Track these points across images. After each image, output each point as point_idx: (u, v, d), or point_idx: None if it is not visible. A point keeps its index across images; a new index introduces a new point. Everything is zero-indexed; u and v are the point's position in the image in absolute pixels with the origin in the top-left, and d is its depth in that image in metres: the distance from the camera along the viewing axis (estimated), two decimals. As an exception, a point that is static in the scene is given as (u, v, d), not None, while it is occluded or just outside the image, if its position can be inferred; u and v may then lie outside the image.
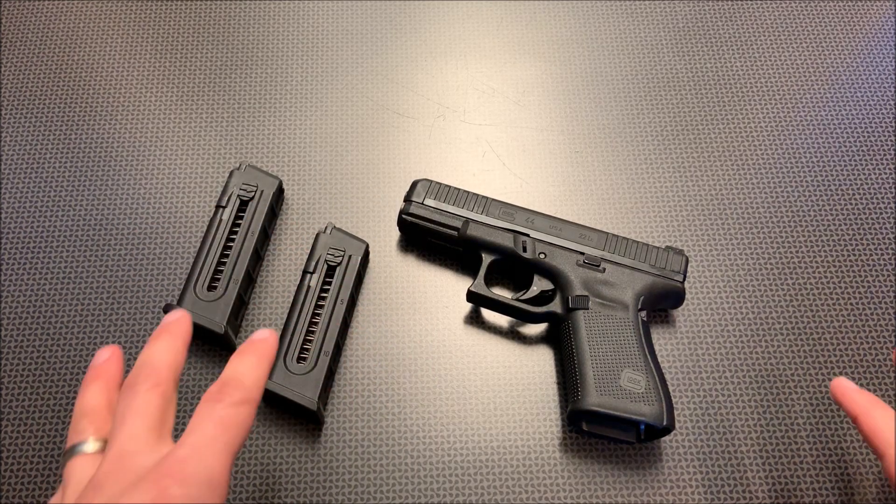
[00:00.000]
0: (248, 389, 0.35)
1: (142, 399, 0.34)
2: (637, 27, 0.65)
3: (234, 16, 0.65)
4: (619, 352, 0.49)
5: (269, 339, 0.38)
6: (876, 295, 0.56)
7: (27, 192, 0.57)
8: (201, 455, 0.32)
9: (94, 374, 0.38)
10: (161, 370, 0.36)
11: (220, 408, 0.34)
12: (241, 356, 0.37)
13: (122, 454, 0.32)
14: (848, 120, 0.62)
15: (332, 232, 0.53)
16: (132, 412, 0.34)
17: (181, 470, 0.31)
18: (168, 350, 0.37)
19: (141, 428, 0.33)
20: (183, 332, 0.38)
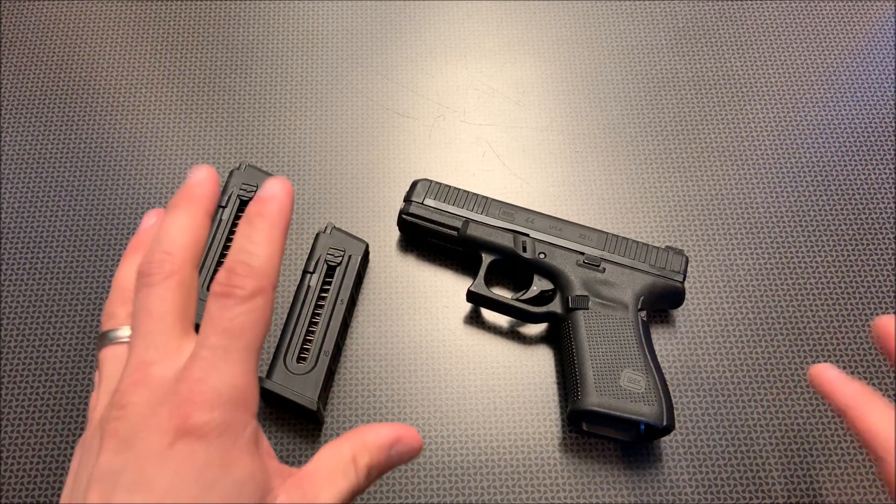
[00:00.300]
0: (259, 274, 0.30)
1: (156, 294, 0.30)
2: (637, 27, 0.65)
3: (234, 16, 0.65)
4: (618, 352, 0.49)
5: (281, 196, 0.31)
6: (876, 295, 0.56)
7: (27, 192, 0.57)
8: (218, 371, 0.28)
9: (136, 244, 0.34)
10: (176, 253, 0.31)
11: (230, 306, 0.29)
12: (248, 225, 0.30)
13: (141, 363, 0.29)
14: (848, 120, 0.62)
15: (332, 232, 0.53)
16: (146, 312, 0.30)
17: (200, 393, 0.28)
18: (185, 226, 0.31)
19: (159, 330, 0.30)
20: (205, 199, 0.32)
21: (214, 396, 0.28)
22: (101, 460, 0.28)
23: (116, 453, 0.28)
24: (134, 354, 0.29)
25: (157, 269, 0.30)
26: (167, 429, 0.27)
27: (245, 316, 0.29)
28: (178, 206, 0.32)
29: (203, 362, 0.28)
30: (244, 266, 0.29)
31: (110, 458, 0.28)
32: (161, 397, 0.28)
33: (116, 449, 0.28)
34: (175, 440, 0.27)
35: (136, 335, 0.30)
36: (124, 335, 0.32)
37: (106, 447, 0.28)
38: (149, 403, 0.28)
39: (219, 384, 0.28)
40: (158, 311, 0.30)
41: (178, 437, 0.27)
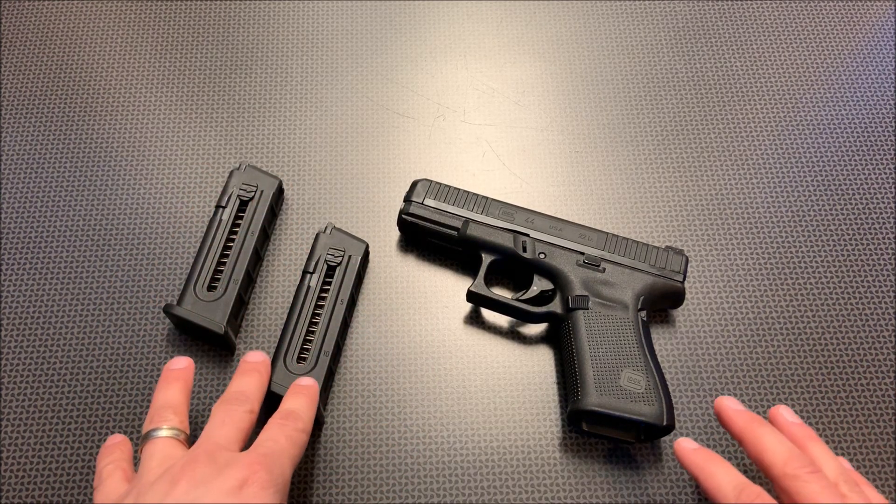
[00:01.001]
0: (305, 423, 0.43)
1: (239, 415, 0.42)
2: (637, 27, 0.65)
3: (234, 16, 0.65)
4: (619, 352, 0.49)
5: (315, 386, 0.47)
6: (876, 295, 0.56)
7: (27, 192, 0.57)
8: (279, 456, 0.40)
9: (175, 377, 0.45)
10: (254, 401, 0.44)
11: (288, 429, 0.42)
12: (296, 396, 0.45)
13: (217, 446, 0.40)
14: (848, 120, 0.62)
15: (332, 232, 0.53)
16: (231, 421, 0.42)
17: (265, 462, 0.39)
18: (260, 388, 0.45)
19: (234, 434, 0.41)
20: (268, 377, 0.47)
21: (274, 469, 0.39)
22: (177, 492, 0.37)
23: (194, 488, 0.37)
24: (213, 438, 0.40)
25: (242, 403, 0.43)
26: (239, 477, 0.38)
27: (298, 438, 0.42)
28: (252, 373, 0.46)
29: (267, 450, 0.40)
30: (296, 414, 0.43)
31: (187, 490, 0.37)
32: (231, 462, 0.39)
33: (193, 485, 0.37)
34: (244, 484, 0.38)
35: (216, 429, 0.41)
36: (172, 433, 0.42)
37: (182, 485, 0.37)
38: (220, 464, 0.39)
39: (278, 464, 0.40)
40: (239, 425, 0.42)
41: (246, 483, 0.38)
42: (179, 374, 0.46)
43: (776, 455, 0.42)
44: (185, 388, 0.45)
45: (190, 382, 0.46)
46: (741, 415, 0.45)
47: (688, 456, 0.44)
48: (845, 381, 0.53)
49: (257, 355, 0.47)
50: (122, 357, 0.52)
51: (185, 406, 0.44)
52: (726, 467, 0.43)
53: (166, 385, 0.45)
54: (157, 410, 0.43)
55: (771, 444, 0.42)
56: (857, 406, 0.52)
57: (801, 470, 0.40)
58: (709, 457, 0.44)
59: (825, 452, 0.43)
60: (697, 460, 0.44)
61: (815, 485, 0.40)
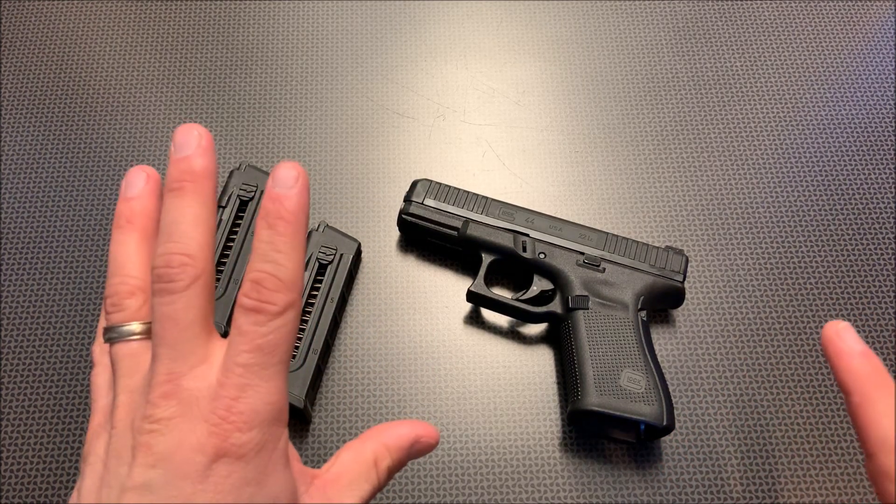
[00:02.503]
0: (290, 287, 0.28)
1: (182, 302, 0.28)
2: (637, 27, 0.65)
3: (234, 16, 0.65)
4: (619, 352, 0.49)
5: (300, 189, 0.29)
6: (876, 295, 0.56)
7: (27, 192, 0.57)
8: (254, 388, 0.28)
9: (128, 215, 0.32)
10: (196, 255, 0.29)
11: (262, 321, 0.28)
12: (271, 230, 0.28)
13: (171, 375, 0.28)
14: (848, 120, 0.62)
15: (325, 230, 0.53)
16: (172, 321, 0.28)
17: (238, 413, 0.27)
18: (198, 217, 0.29)
19: (186, 338, 0.28)
20: (211, 177, 0.30)
21: (252, 416, 0.28)
22: (135, 472, 0.27)
23: (151, 467, 0.27)
24: (161, 364, 0.28)
25: (179, 275, 0.28)
26: (205, 448, 0.27)
27: (278, 332, 0.28)
28: (183, 191, 0.29)
29: (238, 379, 0.28)
30: (273, 279, 0.28)
31: (145, 471, 0.27)
32: (196, 413, 0.28)
33: (151, 463, 0.27)
34: (214, 460, 0.27)
35: (160, 343, 0.28)
36: (137, 330, 0.31)
37: (139, 461, 0.28)
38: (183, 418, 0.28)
39: (256, 402, 0.28)
40: (185, 319, 0.28)
41: (217, 457, 0.27)
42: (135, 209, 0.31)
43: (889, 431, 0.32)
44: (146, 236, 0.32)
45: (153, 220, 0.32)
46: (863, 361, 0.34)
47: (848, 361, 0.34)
48: (845, 381, 0.53)
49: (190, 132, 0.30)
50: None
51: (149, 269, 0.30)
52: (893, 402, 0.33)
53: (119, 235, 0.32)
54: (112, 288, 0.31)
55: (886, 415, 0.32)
56: (857, 406, 0.52)
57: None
58: (878, 373, 0.33)
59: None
60: (861, 371, 0.33)
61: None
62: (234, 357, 0.28)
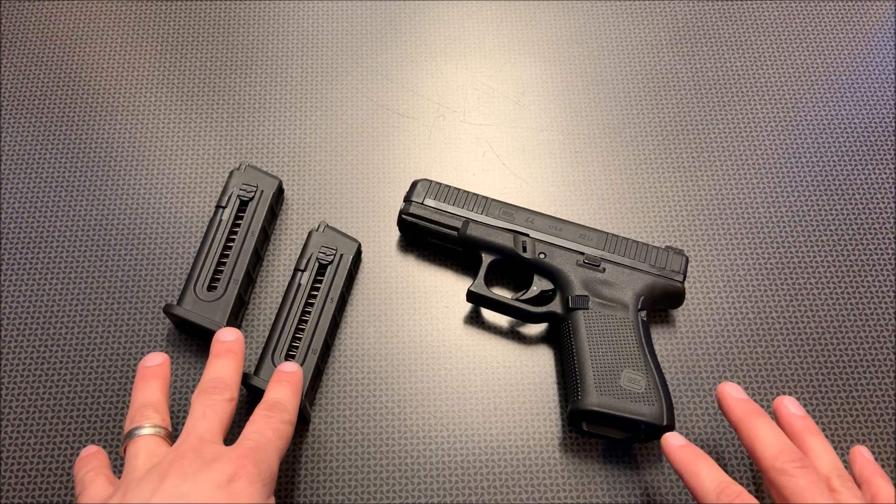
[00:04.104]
0: (291, 413, 0.43)
1: (220, 405, 0.42)
2: (637, 27, 0.65)
3: (234, 16, 0.65)
4: (619, 352, 0.49)
5: (298, 373, 0.46)
6: (876, 295, 0.56)
7: (27, 192, 0.57)
8: (266, 448, 0.40)
9: (152, 374, 0.45)
10: (232, 387, 0.43)
11: (274, 420, 0.42)
12: (280, 385, 0.45)
13: (202, 439, 0.40)
14: (848, 120, 0.62)
15: (325, 230, 0.53)
16: (212, 410, 0.41)
17: (253, 456, 0.39)
18: (235, 370, 0.44)
19: (216, 425, 0.41)
20: (242, 355, 0.45)
21: (261, 461, 0.39)
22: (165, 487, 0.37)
23: (182, 482, 0.37)
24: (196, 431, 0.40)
25: (220, 392, 0.42)
26: (226, 470, 0.38)
27: (284, 430, 0.42)
28: (227, 356, 0.45)
29: (254, 442, 0.40)
30: (281, 405, 0.43)
31: (177, 484, 0.37)
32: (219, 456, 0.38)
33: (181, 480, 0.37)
34: (232, 478, 0.37)
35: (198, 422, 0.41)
36: (154, 431, 0.41)
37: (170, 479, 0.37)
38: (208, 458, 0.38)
39: (264, 457, 0.39)
40: (220, 415, 0.41)
41: (234, 477, 0.38)
42: (157, 371, 0.45)
43: (767, 447, 0.42)
44: (164, 385, 0.44)
45: (167, 379, 0.45)
46: (741, 404, 0.45)
47: (674, 452, 0.44)
48: (845, 381, 0.53)
49: (229, 333, 0.46)
50: (122, 357, 0.52)
51: (166, 403, 0.44)
52: (710, 465, 0.42)
53: (144, 383, 0.44)
54: (137, 409, 0.43)
55: (764, 435, 0.42)
56: (857, 406, 0.52)
57: (790, 464, 0.40)
58: (694, 454, 0.43)
59: (823, 446, 0.43)
60: (683, 457, 0.44)
61: (803, 479, 0.40)
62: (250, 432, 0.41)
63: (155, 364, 0.45)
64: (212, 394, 0.42)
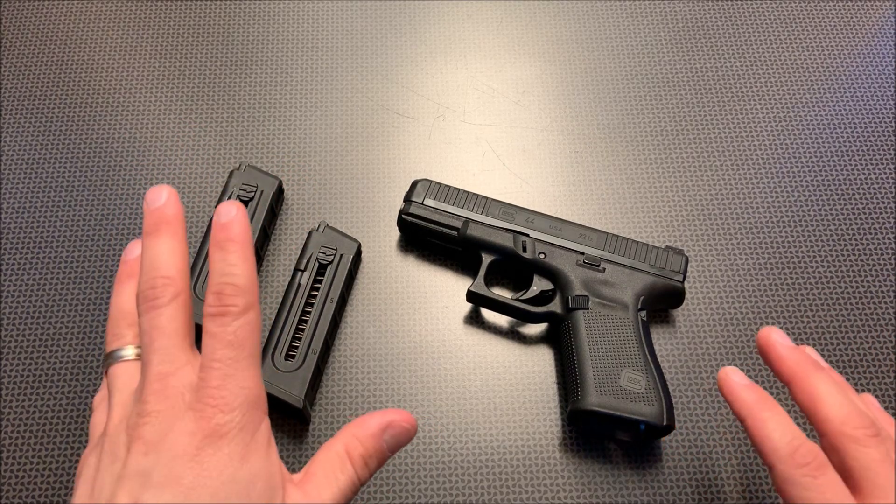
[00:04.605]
0: (245, 291, 0.33)
1: (167, 314, 0.33)
2: (637, 27, 0.65)
3: (234, 16, 0.65)
4: (619, 352, 0.49)
5: (240, 218, 0.34)
6: (876, 295, 0.56)
7: (27, 192, 0.57)
8: (231, 377, 0.32)
9: (128, 271, 0.38)
10: (175, 277, 0.34)
11: (228, 322, 0.33)
12: (220, 252, 0.34)
13: (160, 375, 0.33)
14: (848, 120, 0.62)
15: (325, 230, 0.53)
16: (159, 331, 0.33)
17: (220, 397, 0.32)
18: (175, 251, 0.34)
19: (171, 345, 0.33)
20: (180, 220, 0.35)
21: (232, 399, 0.32)
22: (130, 461, 0.31)
23: (145, 455, 0.31)
24: (151, 368, 0.33)
25: (162, 293, 0.34)
26: (194, 432, 0.31)
27: (244, 328, 0.33)
28: (159, 232, 0.35)
29: (217, 372, 0.32)
30: (231, 287, 0.33)
31: (139, 459, 0.31)
32: (182, 405, 0.32)
33: (145, 451, 0.31)
34: (202, 441, 0.31)
35: (150, 351, 0.33)
36: (131, 353, 0.36)
37: (134, 450, 0.31)
38: (172, 410, 0.32)
39: (235, 389, 0.32)
40: (169, 328, 0.33)
41: (204, 437, 0.31)
42: (134, 266, 0.37)
43: (834, 409, 0.36)
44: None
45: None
46: (794, 352, 0.39)
47: (737, 392, 0.39)
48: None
49: (159, 192, 0.35)
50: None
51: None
52: (781, 416, 0.37)
53: (120, 286, 0.37)
54: (112, 324, 0.37)
55: (829, 394, 0.37)
56: (857, 406, 0.52)
57: (862, 431, 0.35)
58: (762, 399, 0.38)
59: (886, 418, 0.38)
60: (748, 400, 0.38)
61: (875, 451, 0.35)
62: (209, 355, 0.32)
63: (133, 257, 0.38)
64: (152, 300, 0.33)
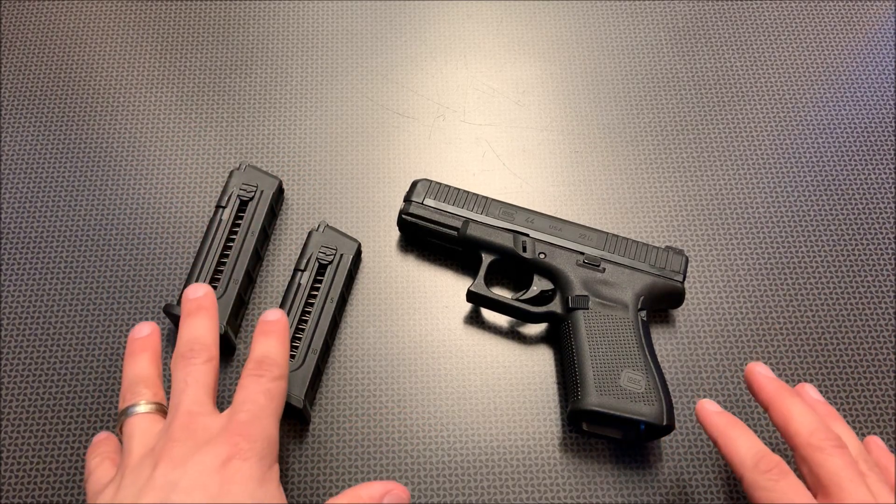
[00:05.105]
0: (281, 367, 0.41)
1: (200, 370, 0.40)
2: (637, 27, 0.65)
3: (234, 16, 0.65)
4: (618, 352, 0.49)
5: (283, 320, 0.43)
6: (876, 295, 0.56)
7: (27, 192, 0.57)
8: (259, 419, 0.38)
9: (141, 346, 0.43)
10: (210, 345, 0.41)
11: (264, 382, 0.40)
12: (265, 337, 0.42)
13: (190, 413, 0.38)
14: (848, 120, 0.62)
15: (325, 230, 0.53)
16: (193, 379, 0.39)
17: (247, 430, 0.37)
18: (211, 328, 0.42)
19: (202, 394, 0.39)
20: (216, 312, 0.43)
21: (256, 434, 0.37)
22: (157, 475, 0.36)
23: (173, 469, 0.36)
24: (181, 407, 0.38)
25: (199, 354, 0.41)
26: (220, 453, 0.36)
27: (275, 388, 0.40)
28: (199, 314, 0.42)
29: (246, 414, 0.38)
30: (269, 359, 0.41)
31: (166, 472, 0.36)
32: (210, 436, 0.37)
33: (172, 466, 0.36)
34: (226, 460, 0.36)
35: (181, 395, 0.39)
36: (147, 408, 0.40)
37: (161, 466, 0.36)
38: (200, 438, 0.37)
39: (259, 428, 0.38)
40: (202, 381, 0.40)
41: (228, 458, 0.36)
42: (146, 343, 0.43)
43: (802, 425, 0.41)
44: (154, 357, 0.43)
45: (158, 349, 0.43)
46: (772, 382, 0.44)
47: (710, 418, 0.44)
48: (845, 381, 0.53)
49: (199, 288, 0.44)
50: (122, 357, 0.52)
51: (157, 376, 0.42)
52: (747, 434, 0.42)
53: (133, 357, 0.42)
54: (129, 386, 0.41)
55: (798, 413, 0.42)
56: (857, 406, 0.52)
57: (826, 442, 0.40)
58: (731, 422, 0.43)
59: (847, 432, 0.43)
60: (719, 424, 0.43)
61: (839, 459, 0.39)
62: (242, 400, 0.39)
63: (143, 335, 0.43)
64: (189, 358, 0.40)
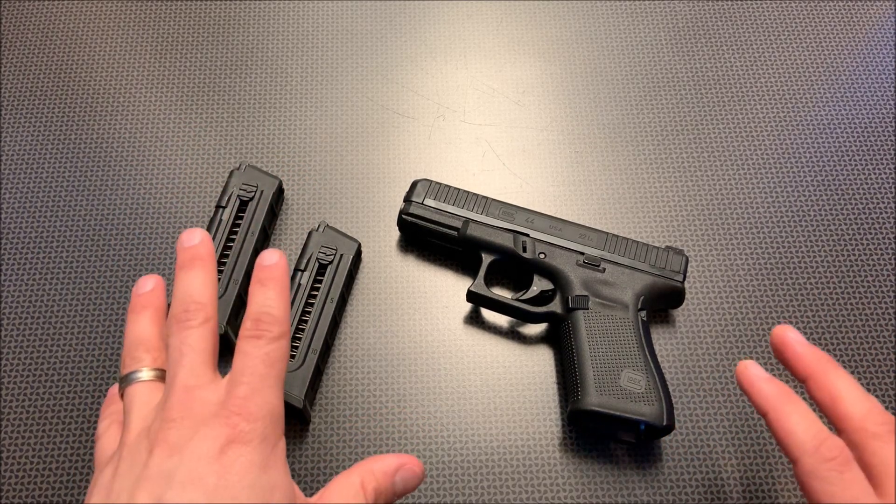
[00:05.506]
0: (281, 323, 0.36)
1: (196, 335, 0.36)
2: (637, 27, 0.65)
3: (234, 16, 0.65)
4: (619, 352, 0.49)
5: (281, 263, 0.38)
6: (876, 295, 0.56)
7: (27, 193, 0.57)
8: (259, 392, 0.34)
9: (142, 304, 0.40)
10: (207, 305, 0.37)
11: (262, 345, 0.35)
12: (261, 288, 0.37)
13: (187, 388, 0.34)
14: (848, 120, 0.62)
15: (325, 230, 0.53)
16: (189, 347, 0.35)
17: (245, 407, 0.34)
18: (207, 283, 0.38)
19: (199, 363, 0.35)
20: (212, 258, 0.39)
21: (257, 411, 0.34)
22: (152, 463, 0.32)
23: (168, 457, 0.32)
24: (177, 380, 0.35)
25: (194, 316, 0.36)
26: (218, 436, 0.33)
27: (275, 352, 0.36)
28: (193, 266, 0.38)
29: (246, 386, 0.34)
30: (268, 315, 0.36)
31: (162, 461, 0.32)
32: (208, 413, 0.34)
33: (168, 454, 0.32)
34: (225, 446, 0.32)
35: (177, 366, 0.35)
36: (148, 375, 0.37)
37: (157, 453, 0.33)
38: (197, 418, 0.33)
39: (260, 402, 0.34)
40: (199, 347, 0.36)
41: (227, 443, 0.33)
42: (148, 299, 0.40)
43: (855, 405, 0.37)
44: (156, 316, 0.39)
45: (161, 307, 0.40)
46: (811, 350, 0.39)
47: (758, 386, 0.39)
48: (845, 381, 0.53)
49: (194, 234, 0.39)
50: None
51: (159, 336, 0.39)
52: (804, 410, 0.37)
53: (134, 315, 0.39)
54: (129, 350, 0.38)
55: (848, 391, 0.37)
56: (857, 406, 0.52)
57: (884, 427, 0.36)
58: (783, 392, 0.38)
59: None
60: (770, 395, 0.38)
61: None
62: (240, 371, 0.35)
63: (146, 291, 0.40)
64: (184, 321, 0.36)
